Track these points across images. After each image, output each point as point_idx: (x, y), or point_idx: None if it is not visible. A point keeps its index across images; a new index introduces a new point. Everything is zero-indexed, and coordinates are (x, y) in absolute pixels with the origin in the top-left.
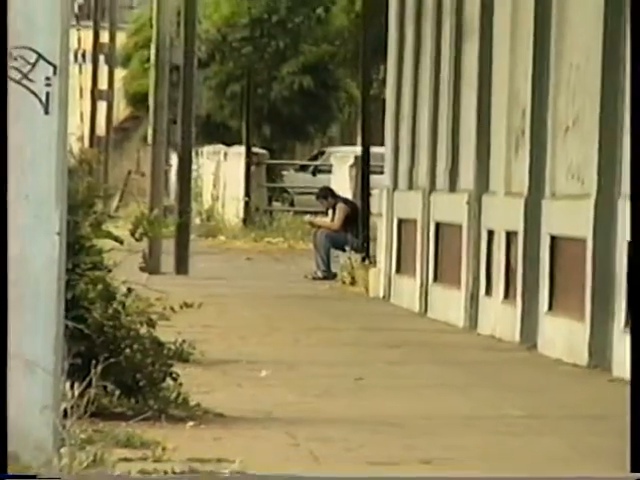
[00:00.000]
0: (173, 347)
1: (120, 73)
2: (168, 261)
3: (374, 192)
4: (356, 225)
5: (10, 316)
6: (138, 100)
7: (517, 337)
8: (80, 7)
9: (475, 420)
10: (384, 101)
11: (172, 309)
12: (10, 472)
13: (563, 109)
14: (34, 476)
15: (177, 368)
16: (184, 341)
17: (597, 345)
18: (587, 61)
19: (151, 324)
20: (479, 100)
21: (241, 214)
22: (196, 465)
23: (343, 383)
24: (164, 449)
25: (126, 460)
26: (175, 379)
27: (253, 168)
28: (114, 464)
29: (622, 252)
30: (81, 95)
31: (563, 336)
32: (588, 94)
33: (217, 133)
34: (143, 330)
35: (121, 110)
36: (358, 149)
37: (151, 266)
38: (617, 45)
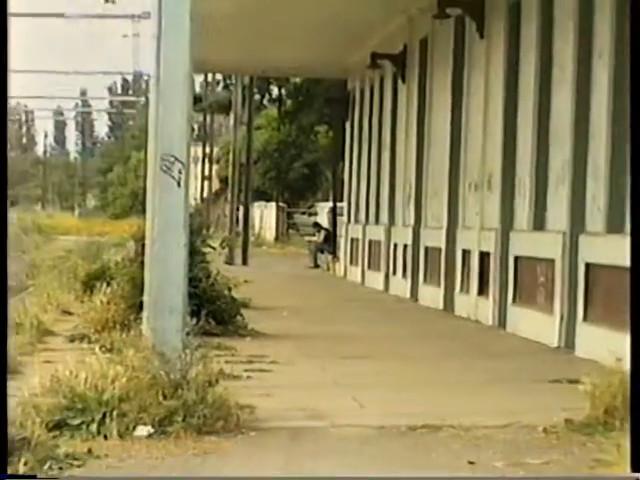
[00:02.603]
0: (240, 300)
1: (215, 167)
2: (238, 259)
3: (339, 224)
4: (330, 241)
5: (160, 288)
6: (224, 181)
7: (408, 295)
8: (197, 135)
9: (386, 336)
10: (343, 180)
11: (241, 282)
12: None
13: (430, 185)
14: (34, 476)
15: (243, 311)
16: (245, 298)
17: (447, 299)
18: (440, 161)
19: (230, 289)
20: (390, 179)
21: (273, 235)
22: (251, 358)
23: (324, 318)
24: (236, 350)
25: (217, 356)
26: (242, 316)
27: (280, 213)
28: (212, 358)
29: (458, 254)
30: (196, 178)
31: (430, 295)
32: (441, 179)
33: (262, 196)
34: (226, 292)
35: (215, 185)
36: (330, 203)
37: (230, 261)
38: (456, 149)
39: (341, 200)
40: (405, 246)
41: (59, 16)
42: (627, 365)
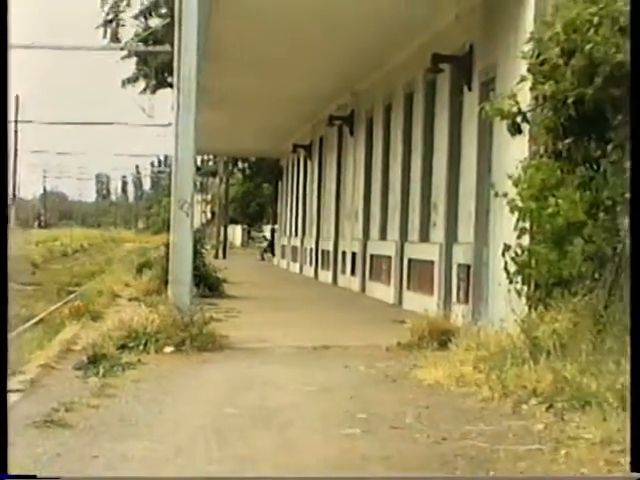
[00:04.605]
0: (222, 278)
1: (208, 206)
2: (221, 255)
3: (276, 237)
4: (271, 246)
5: (177, 272)
6: (213, 214)
7: (313, 276)
8: (199, 188)
9: (301, 297)
10: (278, 213)
11: (222, 268)
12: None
13: (325, 215)
14: (34, 476)
15: (223, 284)
16: (225, 277)
17: (334, 278)
18: (330, 203)
19: (216, 272)
20: (302, 212)
21: (240, 243)
22: (227, 310)
23: (267, 287)
24: (219, 306)
25: (209, 309)
26: (222, 287)
27: (244, 231)
28: (207, 310)
29: (339, 253)
30: (197, 212)
31: (325, 275)
32: (330, 212)
33: (234, 222)
34: (214, 274)
35: (208, 216)
36: (271, 225)
37: (216, 256)
38: (338, 197)
39: (276, 223)
40: (311, 248)
41: (124, 124)
42: (432, 313)
